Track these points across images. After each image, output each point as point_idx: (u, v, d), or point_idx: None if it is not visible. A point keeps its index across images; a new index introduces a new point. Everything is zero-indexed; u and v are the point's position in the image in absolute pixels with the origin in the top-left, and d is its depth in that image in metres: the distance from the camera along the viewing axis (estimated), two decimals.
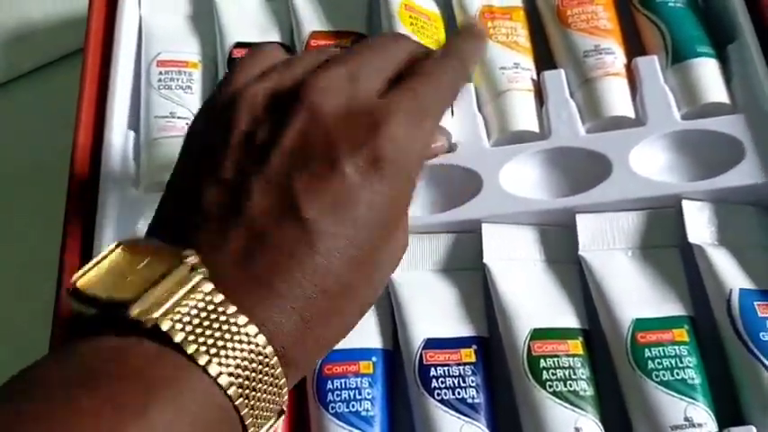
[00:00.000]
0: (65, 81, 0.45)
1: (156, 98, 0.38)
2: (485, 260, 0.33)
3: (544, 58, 0.38)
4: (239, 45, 0.39)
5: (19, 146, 0.45)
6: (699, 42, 0.36)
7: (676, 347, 0.30)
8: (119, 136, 0.37)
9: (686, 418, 0.29)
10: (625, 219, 0.33)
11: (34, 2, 0.48)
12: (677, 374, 0.29)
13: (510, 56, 0.37)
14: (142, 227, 0.34)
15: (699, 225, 0.33)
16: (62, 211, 0.36)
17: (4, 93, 0.46)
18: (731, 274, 0.31)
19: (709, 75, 0.35)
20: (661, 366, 0.30)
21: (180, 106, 0.38)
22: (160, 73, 0.39)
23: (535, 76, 0.37)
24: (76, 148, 0.37)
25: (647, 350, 0.30)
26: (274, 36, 0.40)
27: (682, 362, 0.30)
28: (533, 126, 0.35)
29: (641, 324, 0.31)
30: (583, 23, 0.37)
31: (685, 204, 0.33)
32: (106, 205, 0.35)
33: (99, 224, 0.35)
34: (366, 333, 0.32)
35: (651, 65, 0.36)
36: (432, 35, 0.38)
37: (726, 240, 0.32)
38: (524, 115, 0.35)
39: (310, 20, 0.40)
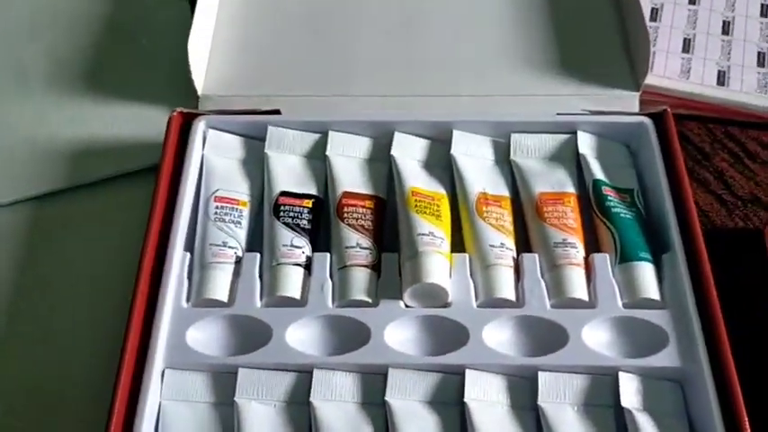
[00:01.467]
0: (123, 197, 0.53)
1: (211, 228, 0.47)
2: (465, 399, 0.42)
3: (522, 241, 0.48)
4: (284, 194, 0.48)
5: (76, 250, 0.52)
6: (641, 249, 0.47)
7: None
8: (178, 256, 0.45)
9: None
10: (575, 380, 0.43)
11: (101, 122, 0.56)
12: None
13: (498, 236, 0.47)
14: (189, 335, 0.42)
15: (630, 393, 0.42)
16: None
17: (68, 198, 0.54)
18: None
19: (646, 276, 0.45)
20: None
21: (231, 237, 0.47)
22: (216, 207, 0.48)
23: (515, 255, 0.47)
24: (143, 259, 0.44)
25: None
26: (312, 189, 0.49)
27: None
28: (512, 296, 0.45)
29: None
30: (555, 220, 0.48)
31: (621, 375, 0.43)
32: (163, 315, 0.43)
33: (154, 333, 0.43)
34: None
35: (604, 261, 0.46)
36: (434, 212, 0.48)
37: (649, 408, 0.42)
38: (505, 286, 0.45)
39: (343, 181, 0.49)
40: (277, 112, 0.52)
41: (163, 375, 0.42)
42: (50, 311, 0.50)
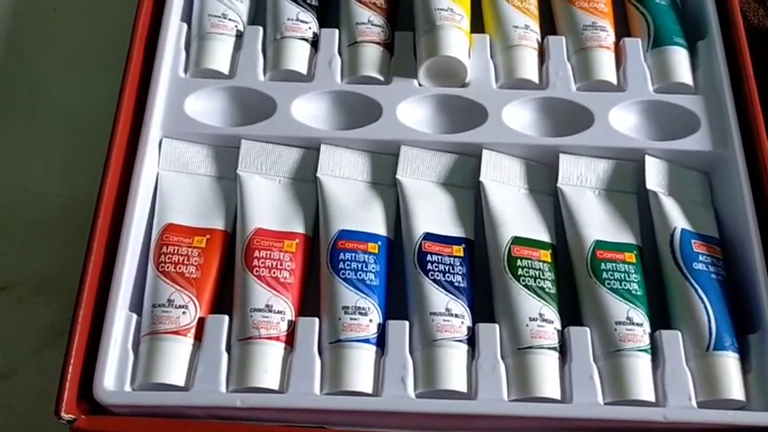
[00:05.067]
0: None
1: None
2: (481, 178, 0.39)
3: (548, 25, 0.45)
4: None
5: None
6: (675, 34, 0.43)
7: (626, 266, 0.37)
8: (174, 25, 0.42)
9: (628, 318, 0.36)
10: (598, 164, 0.40)
11: None
12: (624, 285, 0.36)
13: (522, 18, 0.43)
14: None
15: (656, 176, 0.40)
16: None
17: None
18: (676, 217, 0.39)
19: (680, 61, 0.42)
20: (612, 278, 0.37)
21: (231, 10, 0.43)
22: None
23: (540, 39, 0.43)
24: (136, 28, 0.41)
25: (602, 264, 0.37)
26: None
27: (629, 277, 0.37)
28: (535, 77, 0.42)
29: (600, 244, 0.38)
30: (585, 3, 0.44)
31: (647, 159, 0.40)
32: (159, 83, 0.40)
33: (150, 100, 0.40)
34: (374, 223, 0.38)
35: (635, 45, 0.43)
36: None
37: (674, 192, 0.40)
38: (528, 67, 0.42)
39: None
40: None
41: (160, 145, 0.40)
42: (44, 78, 0.47)
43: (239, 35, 0.43)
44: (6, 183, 0.45)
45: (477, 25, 0.44)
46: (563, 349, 0.35)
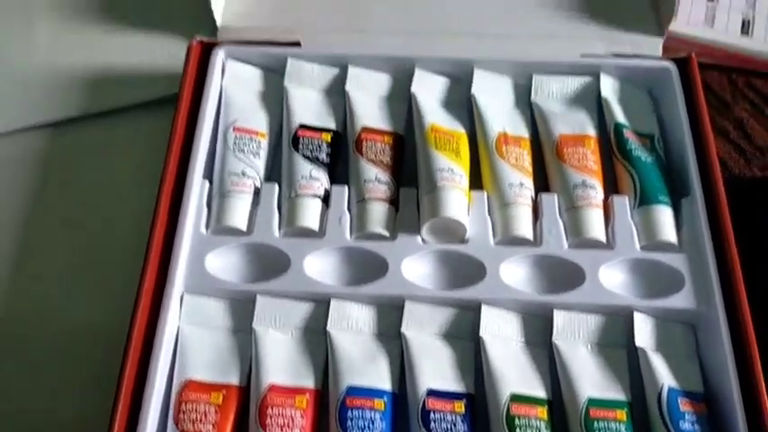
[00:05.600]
0: (140, 127, 0.53)
1: (230, 157, 0.47)
2: (480, 333, 0.42)
3: (541, 181, 0.48)
4: (303, 126, 0.48)
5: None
6: (660, 192, 0.47)
7: (617, 423, 0.40)
8: (198, 183, 0.45)
9: None
10: (589, 319, 0.43)
11: (118, 50, 0.56)
12: None
13: (517, 176, 0.47)
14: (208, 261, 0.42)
15: (644, 333, 0.43)
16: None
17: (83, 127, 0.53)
18: (663, 374, 0.41)
19: (664, 220, 0.45)
20: None
21: (250, 167, 0.47)
22: (235, 137, 0.47)
23: (534, 195, 0.47)
24: (163, 186, 0.44)
25: (595, 422, 0.39)
26: (331, 123, 0.49)
27: None
28: (529, 234, 0.45)
29: (593, 402, 0.40)
30: (575, 161, 0.48)
31: (636, 315, 0.43)
32: (182, 240, 0.43)
33: (174, 257, 0.43)
34: (380, 377, 0.41)
35: (623, 203, 0.46)
36: (453, 149, 0.47)
37: (662, 348, 0.42)
38: (523, 225, 0.45)
39: (362, 116, 0.49)
40: (297, 44, 0.51)
41: (182, 300, 0.43)
42: (67, 240, 0.50)
43: (257, 191, 0.46)
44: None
45: (477, 180, 0.48)
46: None
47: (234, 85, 0.50)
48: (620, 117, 0.49)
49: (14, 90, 0.54)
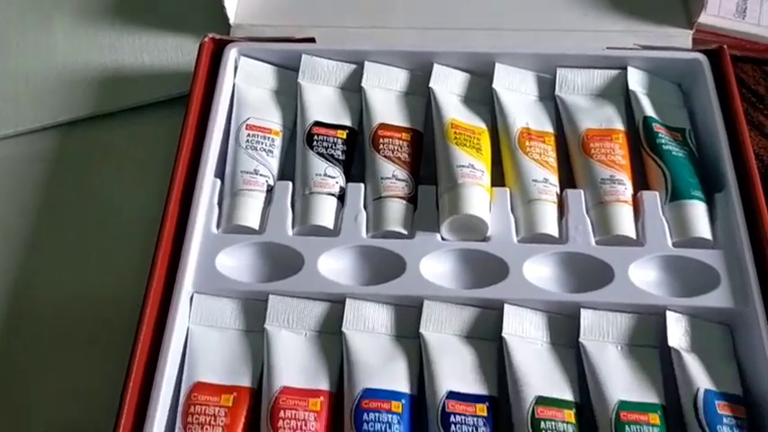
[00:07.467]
0: (152, 125, 0.52)
1: (243, 156, 0.45)
2: (503, 334, 0.40)
3: (567, 178, 0.46)
4: (318, 124, 0.47)
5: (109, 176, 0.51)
6: (693, 187, 0.44)
7: (650, 427, 0.37)
8: (209, 182, 0.44)
9: None
10: (619, 319, 0.41)
11: (130, 50, 0.55)
12: None
13: (541, 171, 0.45)
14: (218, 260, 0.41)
15: (677, 333, 0.40)
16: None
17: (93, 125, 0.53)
18: (699, 376, 0.39)
19: (698, 215, 0.43)
20: None
21: (262, 165, 0.45)
22: (248, 135, 0.46)
23: (559, 191, 0.45)
24: (173, 184, 0.43)
25: (627, 426, 0.37)
26: (346, 121, 0.48)
27: None
28: (554, 231, 0.43)
29: (624, 405, 0.38)
30: (602, 156, 0.46)
31: (669, 315, 0.40)
32: (192, 239, 0.42)
33: (183, 257, 0.41)
34: (397, 379, 0.39)
35: (653, 199, 0.44)
36: (474, 145, 0.46)
37: (697, 349, 0.40)
38: (548, 222, 0.43)
39: (378, 112, 0.47)
40: (311, 40, 0.50)
41: (191, 300, 0.41)
42: (78, 238, 0.49)
43: (270, 189, 0.45)
44: None
45: (498, 177, 0.46)
46: None
47: (247, 82, 0.49)
48: (650, 110, 0.47)
49: (28, 90, 0.53)
